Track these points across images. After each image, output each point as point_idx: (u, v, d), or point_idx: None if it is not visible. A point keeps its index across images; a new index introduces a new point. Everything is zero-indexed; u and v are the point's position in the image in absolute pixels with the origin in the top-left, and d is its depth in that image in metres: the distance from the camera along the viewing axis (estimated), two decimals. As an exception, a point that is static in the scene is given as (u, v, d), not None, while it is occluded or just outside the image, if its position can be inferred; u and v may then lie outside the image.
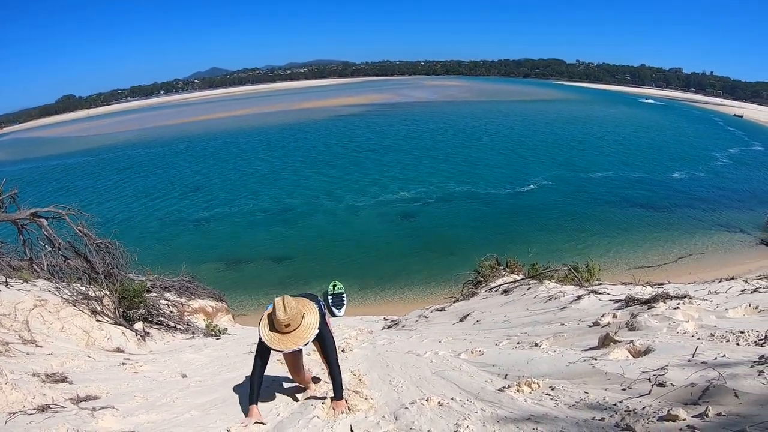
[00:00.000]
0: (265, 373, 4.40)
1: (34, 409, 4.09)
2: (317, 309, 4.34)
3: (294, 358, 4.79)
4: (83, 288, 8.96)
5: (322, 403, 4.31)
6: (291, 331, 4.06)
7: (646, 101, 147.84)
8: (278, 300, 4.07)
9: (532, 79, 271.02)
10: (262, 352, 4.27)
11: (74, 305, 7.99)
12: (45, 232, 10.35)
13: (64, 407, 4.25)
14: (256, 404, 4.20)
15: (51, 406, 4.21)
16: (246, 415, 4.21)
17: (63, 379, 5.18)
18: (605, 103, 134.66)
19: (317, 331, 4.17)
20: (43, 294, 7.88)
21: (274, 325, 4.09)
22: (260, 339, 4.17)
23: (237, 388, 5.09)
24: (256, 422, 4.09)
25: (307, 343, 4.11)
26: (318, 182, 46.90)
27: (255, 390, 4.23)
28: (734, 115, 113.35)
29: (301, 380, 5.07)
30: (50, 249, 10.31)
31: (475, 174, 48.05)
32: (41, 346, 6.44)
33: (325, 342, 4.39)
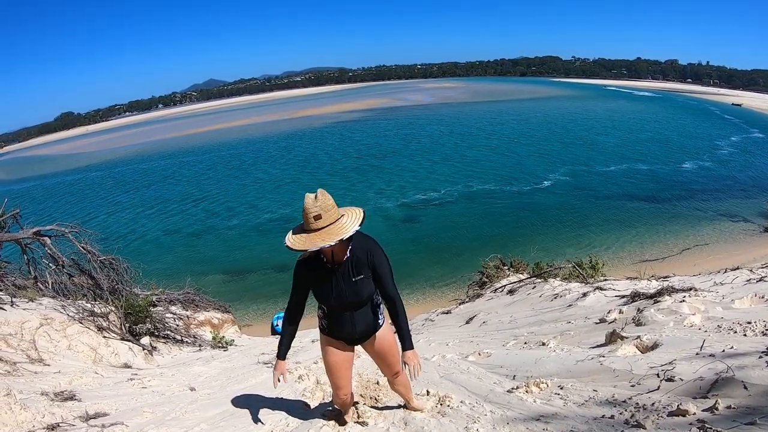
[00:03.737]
0: (278, 395, 4.03)
1: (44, 428, 4.10)
2: (363, 214, 3.45)
3: (342, 357, 3.80)
4: (89, 305, 8.96)
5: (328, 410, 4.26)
6: (322, 227, 3.17)
7: (643, 94, 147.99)
8: (309, 194, 3.25)
9: (528, 78, 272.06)
10: (297, 286, 3.74)
11: (80, 322, 7.99)
12: (48, 251, 10.36)
13: (73, 425, 4.25)
14: (284, 359, 3.76)
15: (60, 424, 4.21)
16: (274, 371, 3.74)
17: (71, 397, 5.17)
18: (602, 97, 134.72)
19: (357, 228, 3.28)
20: (49, 312, 7.88)
21: (302, 226, 3.29)
22: (296, 265, 3.60)
23: (246, 400, 5.07)
24: (281, 376, 3.72)
25: (342, 240, 3.16)
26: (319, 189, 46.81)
27: (284, 341, 3.77)
28: (732, 104, 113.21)
29: (343, 400, 4.00)
30: (54, 267, 10.31)
31: (476, 175, 47.96)
32: (49, 365, 6.44)
33: (380, 267, 3.55)
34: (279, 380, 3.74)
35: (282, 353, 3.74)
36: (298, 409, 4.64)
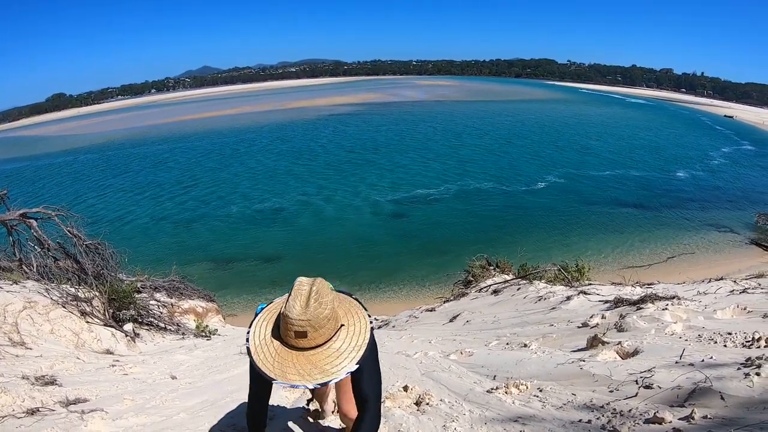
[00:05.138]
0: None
1: (24, 412, 4.08)
2: (367, 320, 2.46)
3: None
4: (73, 289, 8.92)
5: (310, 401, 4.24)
6: (307, 348, 2.16)
7: (636, 101, 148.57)
8: (302, 282, 2.22)
9: (523, 79, 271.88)
10: (255, 379, 2.54)
11: (64, 307, 7.95)
12: (34, 233, 10.30)
13: (53, 410, 4.24)
14: None
15: (40, 409, 4.20)
16: None
17: (52, 382, 5.16)
18: (595, 103, 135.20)
19: (356, 365, 2.22)
20: (33, 296, 7.83)
21: (278, 329, 2.23)
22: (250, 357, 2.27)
23: (226, 390, 5.06)
24: None
25: (330, 382, 2.17)
26: (309, 182, 46.74)
27: None
28: (725, 115, 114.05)
29: (320, 403, 3.70)
30: (40, 250, 10.26)
31: (466, 174, 48.04)
32: (31, 348, 6.41)
33: (363, 362, 2.31)
34: None
35: None
36: (280, 400, 4.64)
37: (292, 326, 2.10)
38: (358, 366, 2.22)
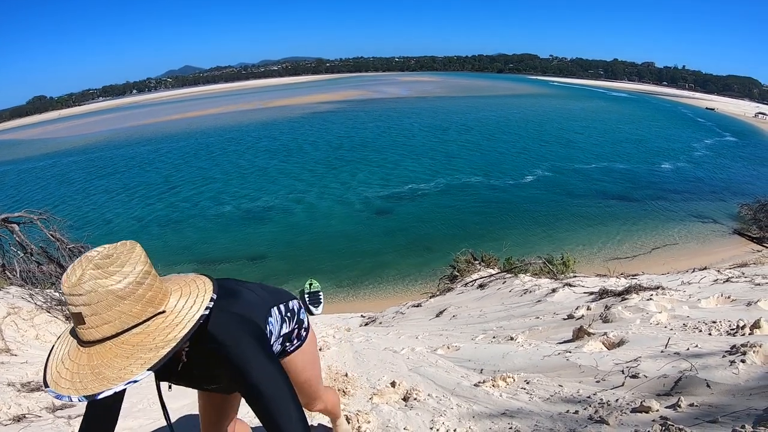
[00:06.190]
0: None
1: (10, 419, 4.05)
2: (200, 306, 1.61)
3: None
4: (57, 294, 8.85)
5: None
6: (93, 342, 1.42)
7: (618, 95, 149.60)
8: (100, 248, 1.46)
9: (506, 74, 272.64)
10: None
11: (48, 312, 7.89)
12: (17, 238, 10.20)
13: (40, 416, 4.20)
14: None
15: (27, 415, 4.16)
16: None
17: (38, 388, 5.11)
18: (578, 97, 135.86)
19: (147, 373, 1.43)
20: (17, 301, 7.77)
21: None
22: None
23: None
24: None
25: (102, 395, 1.35)
26: (293, 181, 46.58)
27: None
28: (706, 108, 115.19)
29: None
30: (23, 255, 10.15)
31: (450, 169, 48.08)
32: (16, 355, 6.36)
33: (257, 388, 1.63)
34: None
35: None
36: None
37: (68, 302, 1.39)
38: (151, 372, 1.44)
